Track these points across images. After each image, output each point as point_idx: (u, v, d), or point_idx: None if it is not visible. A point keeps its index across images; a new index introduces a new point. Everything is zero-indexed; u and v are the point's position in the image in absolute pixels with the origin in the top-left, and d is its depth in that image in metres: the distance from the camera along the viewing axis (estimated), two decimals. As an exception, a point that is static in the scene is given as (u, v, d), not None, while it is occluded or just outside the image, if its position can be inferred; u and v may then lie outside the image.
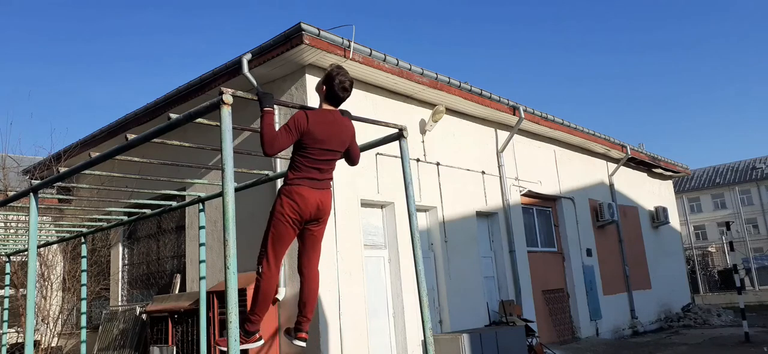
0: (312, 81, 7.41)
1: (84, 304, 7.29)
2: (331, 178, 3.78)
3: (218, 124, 3.00)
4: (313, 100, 7.32)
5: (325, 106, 3.72)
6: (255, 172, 5.33)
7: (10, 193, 8.24)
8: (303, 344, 3.83)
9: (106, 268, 10.45)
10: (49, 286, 10.11)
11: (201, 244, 5.93)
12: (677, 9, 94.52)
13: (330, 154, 3.65)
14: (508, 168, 10.87)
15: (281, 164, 6.89)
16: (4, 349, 8.68)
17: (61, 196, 11.09)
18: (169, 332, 7.80)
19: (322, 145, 3.57)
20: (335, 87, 3.66)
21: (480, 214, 10.02)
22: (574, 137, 12.68)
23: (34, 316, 5.08)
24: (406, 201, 4.16)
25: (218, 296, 6.98)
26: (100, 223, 6.95)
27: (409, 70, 8.16)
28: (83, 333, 7.17)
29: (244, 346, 3.66)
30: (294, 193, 3.57)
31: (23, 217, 8.66)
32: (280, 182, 7.06)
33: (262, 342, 3.79)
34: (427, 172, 8.98)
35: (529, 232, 11.34)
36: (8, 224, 9.10)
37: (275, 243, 3.61)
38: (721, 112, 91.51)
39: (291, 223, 3.58)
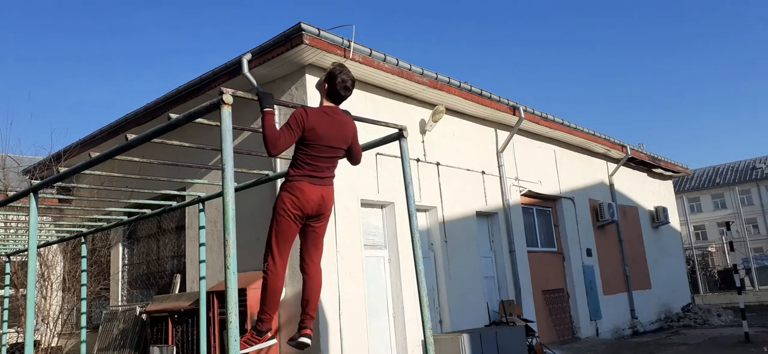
0: (312, 81, 7.41)
1: (84, 304, 7.29)
2: (333, 176, 3.78)
3: (218, 124, 3.00)
4: (313, 100, 7.32)
5: (326, 104, 3.73)
6: (255, 172, 5.33)
7: (10, 193, 8.24)
8: (308, 341, 3.83)
9: (106, 268, 10.45)
10: (49, 286, 10.11)
11: (201, 244, 5.93)
12: (677, 8, 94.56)
13: (331, 152, 3.66)
14: (508, 168, 10.86)
15: (281, 164, 6.88)
16: (4, 349, 8.68)
17: (61, 196, 11.09)
18: (169, 332, 7.80)
19: (323, 141, 3.58)
20: (337, 85, 3.67)
21: (480, 214, 10.01)
22: (574, 137, 12.68)
23: (34, 316, 5.08)
24: (406, 201, 4.16)
25: (218, 296, 6.98)
26: (100, 223, 6.95)
27: (409, 70, 8.16)
28: (83, 333, 7.17)
29: (258, 346, 3.69)
30: (295, 188, 3.58)
31: (23, 217, 8.66)
32: (280, 182, 7.07)
33: (274, 341, 3.81)
34: (427, 172, 8.98)
35: (529, 232, 11.34)
36: (8, 224, 9.09)
37: (279, 239, 3.63)
38: (721, 112, 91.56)
39: (293, 218, 3.59)
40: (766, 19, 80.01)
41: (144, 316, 8.57)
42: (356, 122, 4.18)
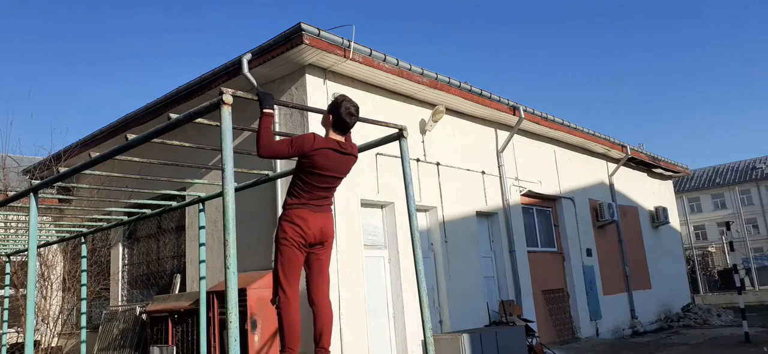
0: (312, 81, 7.41)
1: (84, 304, 7.29)
2: (331, 203, 3.76)
3: (218, 124, 3.00)
4: (313, 100, 7.32)
5: (333, 135, 3.67)
6: (255, 172, 5.33)
7: (10, 193, 8.24)
8: None
9: (106, 268, 10.44)
10: (49, 286, 10.11)
11: (201, 244, 5.93)
12: (677, 8, 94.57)
13: (329, 182, 3.65)
14: (508, 168, 10.86)
15: (281, 164, 6.89)
16: (4, 349, 8.68)
17: (61, 196, 11.09)
18: (169, 332, 7.80)
19: (323, 171, 3.57)
20: (342, 113, 3.61)
21: (480, 214, 10.01)
22: (574, 137, 12.68)
23: (34, 316, 5.08)
24: (406, 201, 4.16)
25: (218, 296, 6.98)
26: (100, 223, 6.95)
27: (409, 70, 8.16)
28: (83, 333, 7.18)
29: None
30: (294, 216, 3.56)
31: (23, 217, 8.66)
32: (280, 182, 7.07)
33: None
34: (427, 172, 8.97)
35: (529, 232, 11.34)
36: (8, 224, 9.10)
37: (286, 270, 3.57)
38: (721, 112, 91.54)
39: (297, 246, 3.57)
40: (765, 19, 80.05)
41: (144, 316, 8.57)
42: (356, 122, 4.18)
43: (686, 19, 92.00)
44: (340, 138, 3.68)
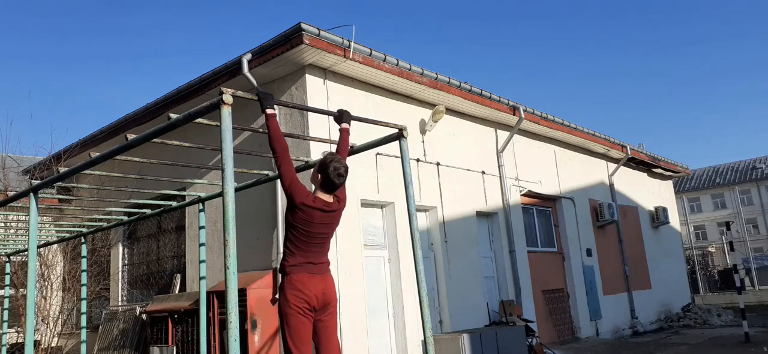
0: (312, 81, 7.41)
1: (84, 304, 7.30)
2: (328, 262, 3.75)
3: (218, 124, 3.00)
4: (313, 100, 7.33)
5: (320, 195, 3.65)
6: (255, 172, 5.33)
7: (10, 193, 8.24)
8: None
9: (106, 268, 10.45)
10: (49, 286, 10.12)
11: (201, 244, 5.94)
12: (677, 8, 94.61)
13: (319, 238, 3.65)
14: (508, 168, 10.86)
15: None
16: (4, 349, 8.68)
17: (61, 196, 11.09)
18: (169, 332, 7.80)
19: (309, 228, 3.58)
20: (330, 174, 3.60)
21: (480, 214, 10.01)
22: (574, 137, 12.68)
23: (34, 316, 5.08)
24: (406, 201, 4.16)
25: (218, 296, 6.98)
26: (100, 223, 6.96)
27: (409, 70, 8.16)
28: (83, 333, 7.18)
29: None
30: (294, 282, 3.55)
31: (23, 217, 8.66)
32: (280, 183, 7.07)
33: None
34: (427, 172, 8.98)
35: (529, 232, 11.34)
36: (8, 224, 9.10)
37: (295, 339, 3.54)
38: (721, 112, 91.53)
39: (302, 312, 3.54)
40: (766, 18, 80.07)
41: (144, 316, 8.57)
42: (356, 122, 4.19)
43: (686, 17, 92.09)
44: (328, 196, 3.66)
